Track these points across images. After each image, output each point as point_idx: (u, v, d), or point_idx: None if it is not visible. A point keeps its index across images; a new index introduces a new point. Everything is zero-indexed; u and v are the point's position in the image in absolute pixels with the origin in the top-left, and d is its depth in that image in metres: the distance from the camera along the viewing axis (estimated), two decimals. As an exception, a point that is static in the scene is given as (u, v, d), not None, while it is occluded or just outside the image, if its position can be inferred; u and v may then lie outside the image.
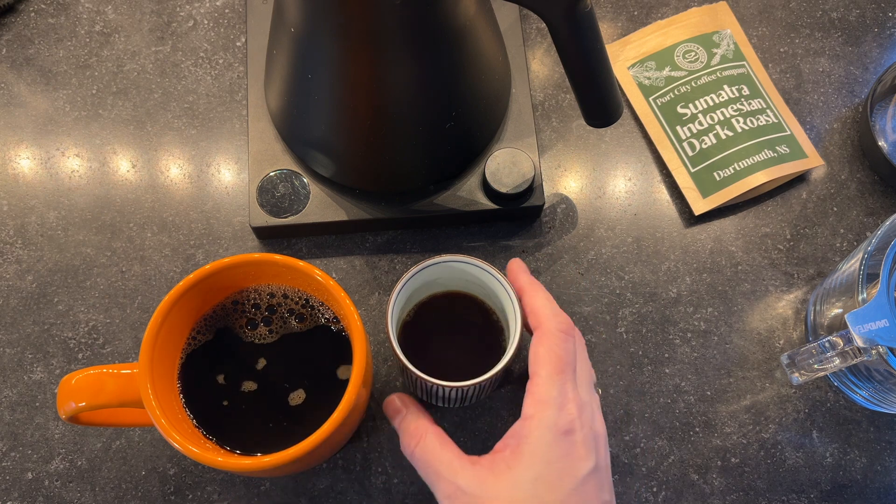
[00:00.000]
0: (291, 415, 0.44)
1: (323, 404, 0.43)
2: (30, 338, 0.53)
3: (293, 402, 0.44)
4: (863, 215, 0.56)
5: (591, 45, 0.43)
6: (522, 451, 0.39)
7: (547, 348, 0.40)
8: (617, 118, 0.48)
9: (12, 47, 0.60)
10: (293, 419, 0.44)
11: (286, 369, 0.45)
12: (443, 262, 0.44)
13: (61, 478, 0.50)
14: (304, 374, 0.45)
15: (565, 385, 0.40)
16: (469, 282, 0.47)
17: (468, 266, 0.45)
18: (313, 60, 0.45)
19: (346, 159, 0.51)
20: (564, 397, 0.39)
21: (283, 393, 0.44)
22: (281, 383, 0.45)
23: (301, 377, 0.45)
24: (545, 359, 0.40)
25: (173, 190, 0.56)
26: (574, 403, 0.39)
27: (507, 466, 0.39)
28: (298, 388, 0.45)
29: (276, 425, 0.44)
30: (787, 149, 0.56)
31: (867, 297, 0.44)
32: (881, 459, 0.51)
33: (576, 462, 0.39)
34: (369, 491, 0.50)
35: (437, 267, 0.45)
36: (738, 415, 0.52)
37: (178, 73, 0.59)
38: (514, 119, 0.55)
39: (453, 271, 0.46)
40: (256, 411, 0.44)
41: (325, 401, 0.43)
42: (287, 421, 0.44)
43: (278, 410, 0.44)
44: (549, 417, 0.39)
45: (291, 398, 0.44)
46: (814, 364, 0.46)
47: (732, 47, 0.59)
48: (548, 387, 0.39)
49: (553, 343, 0.40)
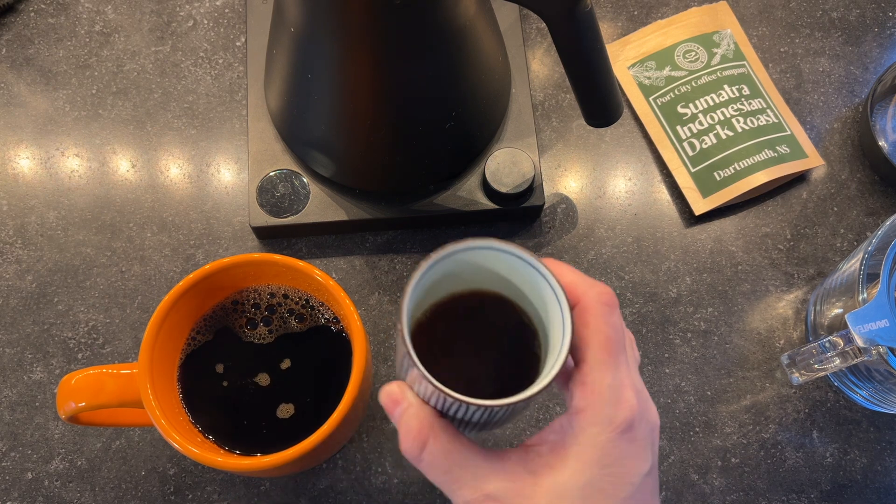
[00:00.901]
0: (291, 415, 0.44)
1: (323, 404, 0.43)
2: (30, 338, 0.53)
3: (293, 402, 0.44)
4: (863, 215, 0.56)
5: (592, 45, 0.43)
6: (569, 451, 0.32)
7: (593, 328, 0.33)
8: (617, 118, 0.48)
9: (12, 47, 0.59)
10: (293, 419, 0.44)
11: (286, 370, 0.45)
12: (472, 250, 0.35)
13: (61, 478, 0.50)
14: (303, 374, 0.45)
15: (619, 370, 0.33)
16: (499, 277, 0.37)
17: (503, 255, 0.35)
18: (313, 60, 0.45)
19: (346, 159, 0.51)
20: (620, 386, 0.32)
21: (283, 393, 0.44)
22: (281, 383, 0.45)
23: (301, 377, 0.45)
24: (592, 340, 0.33)
25: (173, 190, 0.56)
26: (632, 391, 0.32)
27: (549, 468, 0.32)
28: (298, 389, 0.44)
29: (276, 425, 0.44)
30: (788, 149, 0.56)
31: (867, 297, 0.44)
32: (881, 459, 0.51)
33: (635, 464, 0.32)
34: (369, 491, 0.50)
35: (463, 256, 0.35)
36: (738, 415, 0.52)
37: (178, 72, 0.59)
38: (514, 119, 0.55)
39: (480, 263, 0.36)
40: (256, 411, 0.44)
41: (325, 401, 0.43)
42: (287, 421, 0.44)
43: (278, 410, 0.44)
44: (605, 412, 0.32)
45: (291, 398, 0.44)
46: (814, 364, 0.46)
47: (732, 47, 0.59)
48: (601, 374, 0.32)
49: (598, 320, 0.33)
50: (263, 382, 0.45)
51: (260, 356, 0.45)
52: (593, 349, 0.33)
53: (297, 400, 0.44)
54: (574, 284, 0.34)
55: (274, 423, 0.44)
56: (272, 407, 0.44)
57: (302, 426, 0.42)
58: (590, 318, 0.33)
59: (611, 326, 0.33)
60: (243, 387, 0.44)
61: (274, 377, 0.45)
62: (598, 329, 0.33)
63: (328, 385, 0.44)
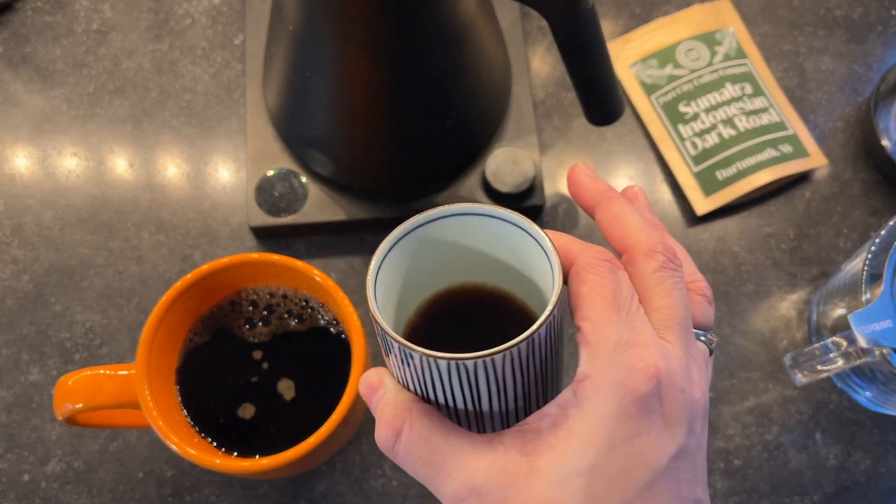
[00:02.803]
0: (290, 417, 0.44)
1: (322, 406, 0.43)
2: (26, 339, 0.52)
3: (292, 404, 0.44)
4: (866, 215, 0.56)
5: (593, 44, 0.43)
6: (573, 427, 0.26)
7: (592, 283, 0.27)
8: (619, 117, 0.48)
9: (9, 45, 0.59)
10: (292, 421, 0.43)
11: (284, 371, 0.45)
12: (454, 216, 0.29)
13: (58, 480, 0.50)
14: (302, 375, 0.44)
15: (632, 322, 0.27)
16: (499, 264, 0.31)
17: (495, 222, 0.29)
18: (312, 58, 0.45)
19: (345, 158, 0.51)
20: (633, 345, 0.26)
21: (281, 394, 0.44)
22: (279, 385, 0.44)
23: (300, 378, 0.44)
24: (594, 295, 0.27)
25: (171, 189, 0.56)
26: (654, 351, 0.26)
27: (548, 448, 0.26)
28: (297, 390, 0.44)
29: (275, 427, 0.44)
30: (790, 148, 0.56)
31: (871, 297, 0.44)
32: (885, 461, 0.51)
33: (655, 443, 0.26)
34: (368, 493, 0.49)
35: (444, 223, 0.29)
36: (741, 416, 0.52)
37: (176, 71, 0.59)
38: (514, 118, 0.55)
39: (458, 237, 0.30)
40: (255, 413, 0.44)
41: (324, 402, 0.42)
42: (285, 423, 0.44)
43: (276, 412, 0.44)
44: (614, 377, 0.26)
45: (290, 400, 0.44)
46: (817, 365, 0.45)
47: (735, 45, 0.59)
48: (606, 331, 0.26)
49: (598, 275, 0.28)
50: (261, 383, 0.44)
51: (258, 357, 0.45)
52: (596, 305, 0.27)
53: (296, 401, 0.44)
54: (566, 246, 0.29)
55: (272, 425, 0.44)
56: (270, 408, 0.44)
57: (301, 428, 0.42)
58: (588, 275, 0.28)
59: (612, 280, 0.28)
60: (241, 388, 0.44)
61: (272, 378, 0.44)
62: (599, 283, 0.28)
63: (327, 386, 0.44)
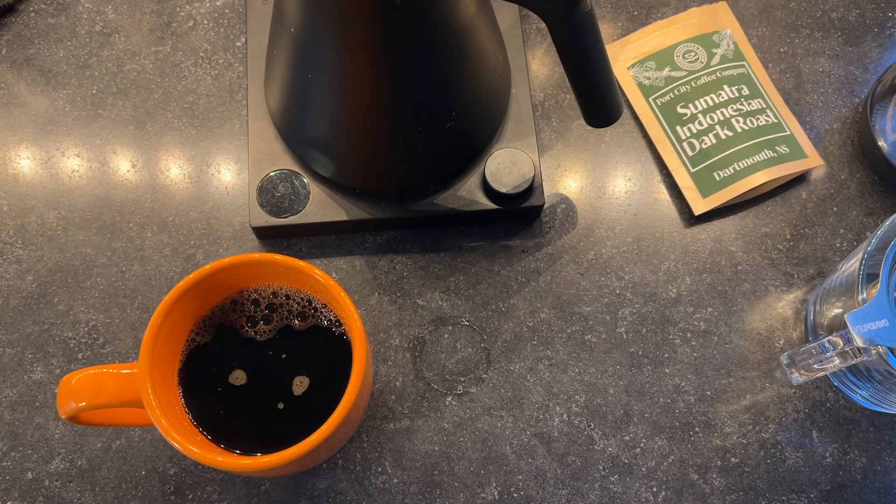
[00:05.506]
0: (291, 415, 0.44)
1: (323, 404, 0.43)
2: (30, 338, 0.53)
3: (293, 403, 0.44)
4: (863, 215, 0.56)
5: (591, 46, 0.43)
6: None
7: None
8: (617, 118, 0.48)
9: (12, 47, 0.60)
10: (293, 419, 0.44)
11: (286, 369, 0.45)
12: None
13: (61, 478, 0.50)
14: (304, 374, 0.45)
15: None
16: None
17: None
18: (313, 60, 0.45)
19: (346, 159, 0.51)
20: None
21: (283, 393, 0.44)
22: (281, 383, 0.45)
23: (301, 377, 0.45)
24: None
25: (173, 190, 0.56)
26: None
27: None
28: (298, 389, 0.45)
29: (277, 425, 0.44)
30: (787, 149, 0.56)
31: (867, 297, 0.44)
32: (881, 459, 0.51)
33: None
34: (369, 491, 0.50)
35: None
36: (737, 415, 0.52)
37: (178, 73, 0.59)
38: (514, 119, 0.55)
39: None
40: (256, 411, 0.44)
41: (325, 401, 0.43)
42: (287, 421, 0.44)
43: (278, 410, 0.44)
44: None
45: (291, 398, 0.44)
46: (814, 364, 0.46)
47: (732, 47, 0.59)
48: None
49: None
50: (263, 382, 0.45)
51: (260, 356, 0.45)
52: None
53: (298, 399, 0.44)
54: None
55: (274, 423, 0.44)
56: (272, 406, 0.44)
57: (302, 426, 0.42)
58: None
59: None
60: (243, 386, 0.44)
61: (274, 377, 0.45)
62: None
63: (329, 385, 0.44)
